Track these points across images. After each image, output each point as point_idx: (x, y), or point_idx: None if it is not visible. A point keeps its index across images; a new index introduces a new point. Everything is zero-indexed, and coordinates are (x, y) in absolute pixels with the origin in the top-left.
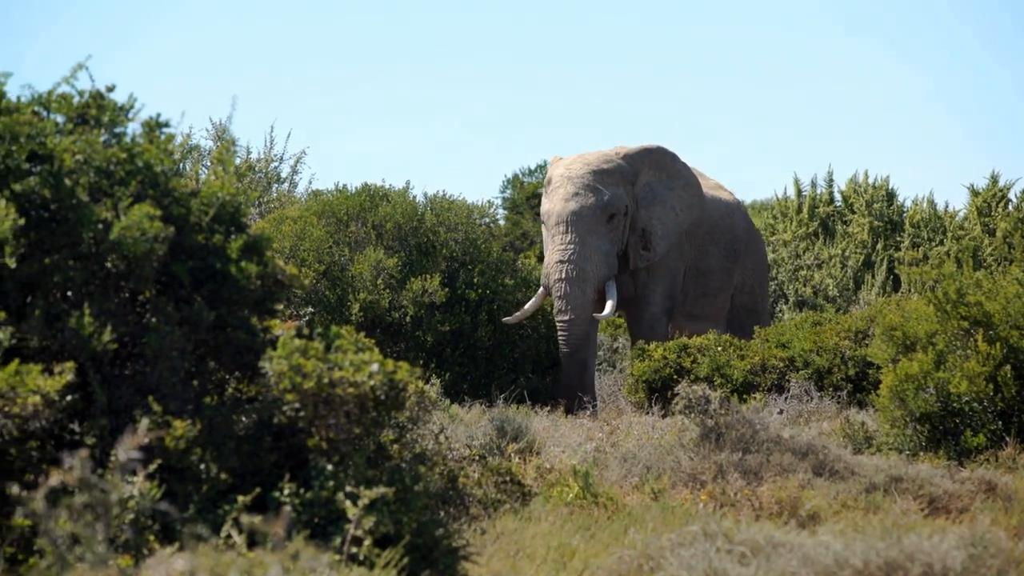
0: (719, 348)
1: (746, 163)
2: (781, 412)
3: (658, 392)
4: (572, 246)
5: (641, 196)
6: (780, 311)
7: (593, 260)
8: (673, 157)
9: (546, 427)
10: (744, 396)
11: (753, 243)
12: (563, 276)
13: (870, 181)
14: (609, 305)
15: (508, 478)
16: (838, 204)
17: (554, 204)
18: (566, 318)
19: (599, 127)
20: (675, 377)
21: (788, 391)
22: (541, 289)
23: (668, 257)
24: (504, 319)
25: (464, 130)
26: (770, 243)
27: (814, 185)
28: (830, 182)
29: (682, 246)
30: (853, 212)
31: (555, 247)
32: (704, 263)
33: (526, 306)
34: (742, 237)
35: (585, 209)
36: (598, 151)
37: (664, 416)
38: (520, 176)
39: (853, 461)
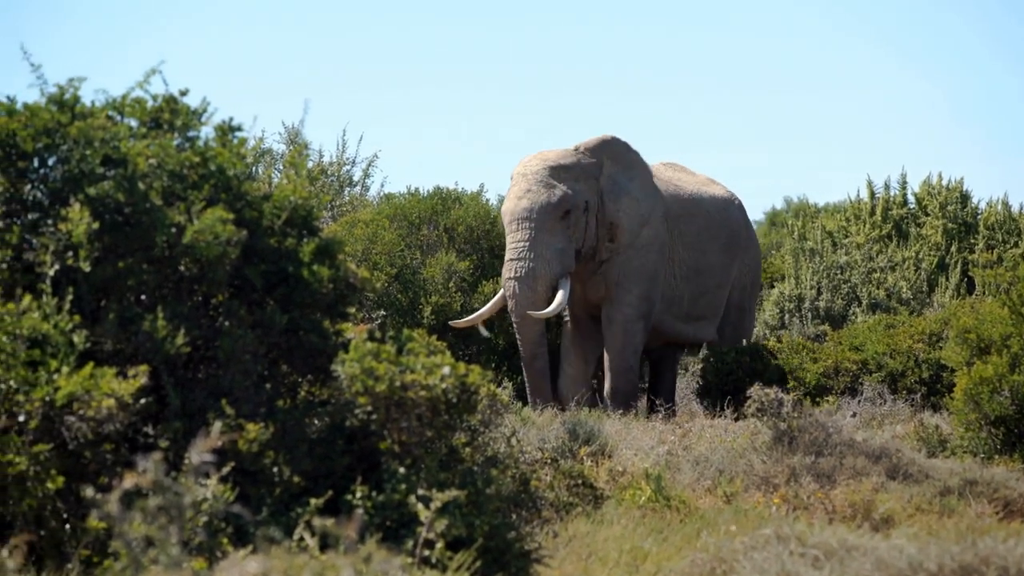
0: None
1: (819, 166)
2: (854, 415)
3: (730, 395)
4: (524, 244)
5: (606, 189)
6: (853, 314)
7: (544, 258)
8: (627, 147)
9: (618, 430)
10: (817, 399)
11: (750, 240)
12: (513, 275)
13: (944, 183)
14: (556, 301)
15: (580, 481)
16: (911, 206)
17: (508, 202)
18: (517, 319)
19: (666, 133)
20: (747, 380)
21: (861, 394)
22: (500, 291)
23: (646, 258)
24: (452, 322)
25: (538, 133)
26: (843, 246)
27: (887, 187)
28: (903, 184)
29: (664, 244)
30: (927, 214)
31: (509, 245)
32: (703, 261)
33: (481, 309)
34: (738, 233)
35: (537, 206)
36: (559, 148)
37: (736, 419)
38: None
39: (927, 464)
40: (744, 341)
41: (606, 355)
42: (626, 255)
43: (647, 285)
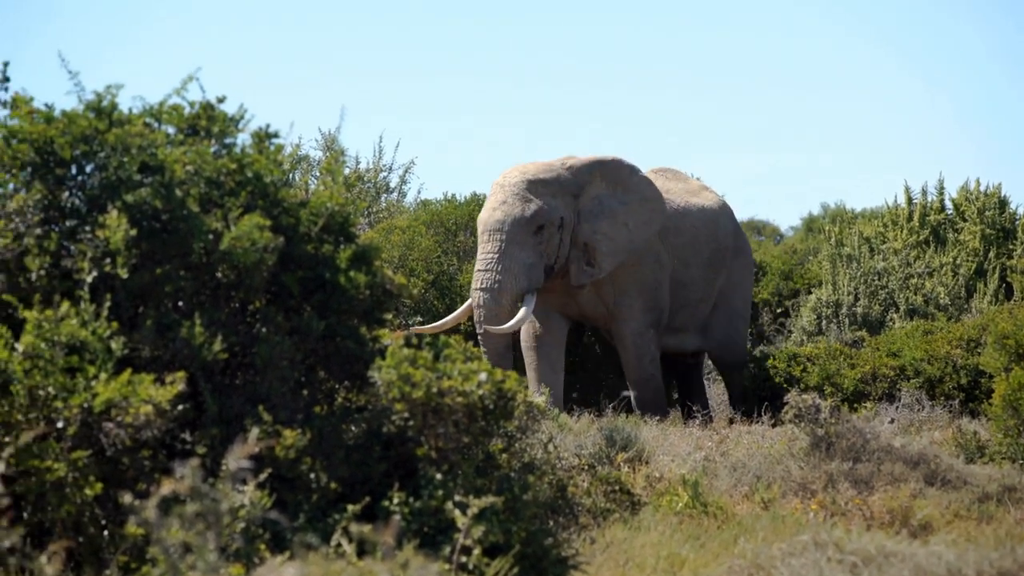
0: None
1: (856, 171)
2: (892, 421)
3: (768, 401)
4: (493, 256)
5: (587, 209)
6: (891, 320)
7: (512, 271)
8: (631, 170)
9: (655, 436)
10: (854, 405)
11: (740, 249)
12: (480, 286)
13: (981, 188)
14: (517, 316)
15: (617, 487)
16: (949, 212)
17: (483, 212)
18: (480, 330)
19: (705, 137)
20: (785, 386)
21: (899, 400)
22: (468, 300)
23: (640, 270)
24: (415, 328)
25: (573, 138)
26: (880, 251)
27: (924, 193)
28: (941, 190)
29: (660, 257)
30: (964, 220)
31: (478, 256)
32: (685, 274)
33: (447, 317)
34: (725, 244)
35: (510, 219)
36: (543, 161)
37: (774, 425)
38: None
39: (965, 471)
40: (735, 349)
41: (625, 370)
42: (617, 272)
43: (650, 295)
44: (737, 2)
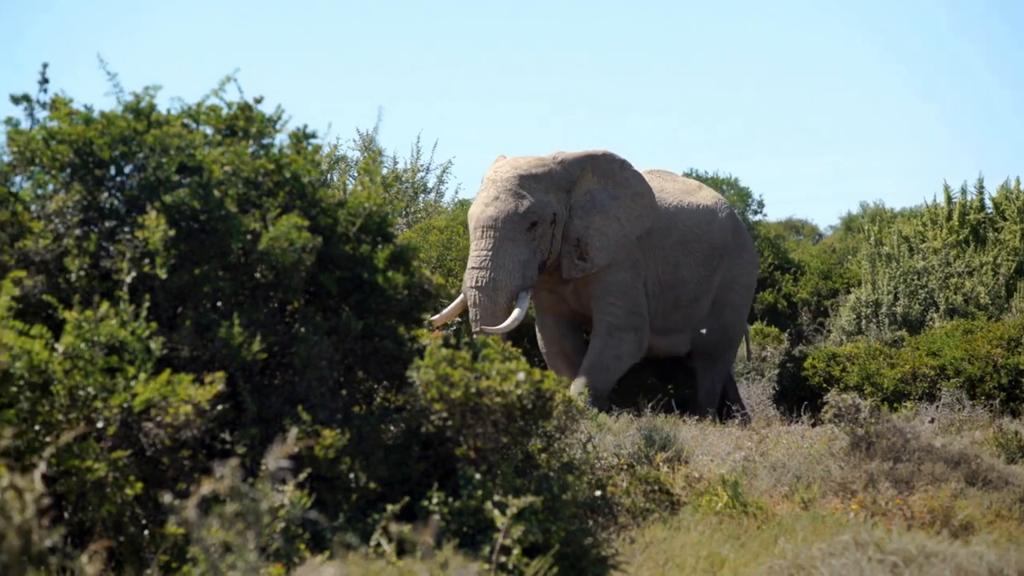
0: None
1: (895, 170)
2: (932, 421)
3: (807, 401)
4: (487, 252)
5: (579, 204)
6: (931, 319)
7: (507, 268)
8: (622, 165)
9: (694, 436)
10: (894, 405)
11: (740, 246)
12: (475, 284)
13: (1022, 187)
14: (513, 315)
15: (657, 487)
16: (989, 211)
17: (475, 208)
18: (476, 329)
19: (745, 135)
20: (824, 386)
21: (939, 400)
22: (460, 297)
23: (619, 274)
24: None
25: (614, 137)
26: (920, 251)
27: (964, 192)
28: (980, 189)
29: (636, 262)
30: (1004, 219)
31: (472, 253)
32: (676, 275)
33: (443, 311)
34: (723, 243)
35: (504, 215)
36: (535, 156)
37: (813, 425)
38: None
39: (1007, 471)
40: (731, 346)
41: (587, 353)
42: (591, 275)
43: (631, 299)
44: (779, 5)
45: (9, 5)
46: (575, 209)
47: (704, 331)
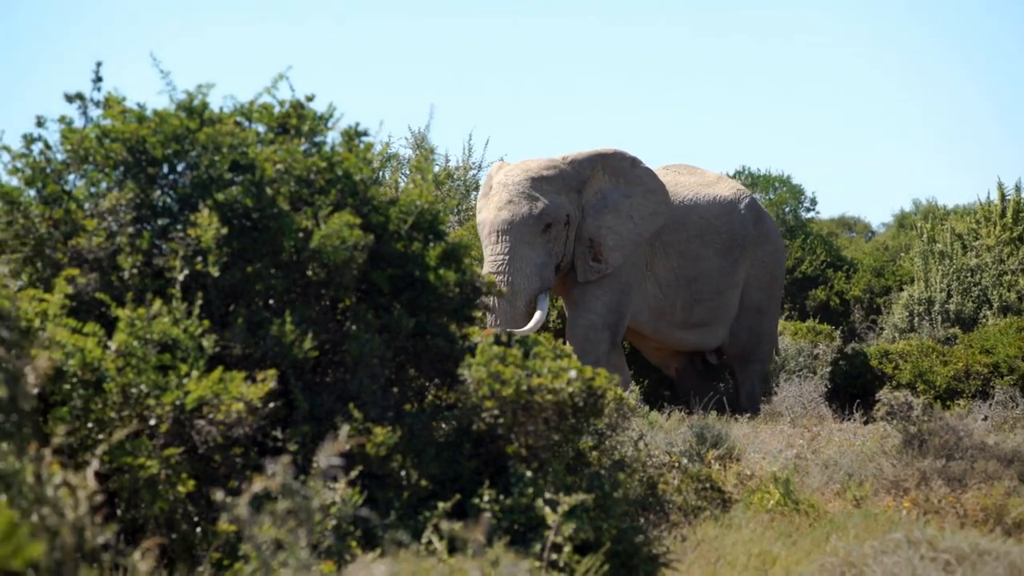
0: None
1: (949, 167)
2: (985, 418)
3: (859, 398)
4: (503, 256)
5: (591, 204)
6: (984, 317)
7: (524, 272)
8: (633, 162)
9: (746, 433)
10: (947, 402)
11: (764, 236)
12: None
13: None
14: (535, 319)
15: (708, 485)
16: None
17: (488, 212)
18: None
19: (799, 132)
20: (877, 383)
21: (992, 397)
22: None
23: (621, 268)
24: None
25: (663, 136)
26: (973, 248)
27: (1018, 189)
28: None
29: (639, 259)
30: None
31: (487, 258)
32: (695, 268)
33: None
34: (743, 233)
35: (518, 218)
36: (544, 158)
37: (865, 423)
38: None
39: None
40: (762, 344)
41: None
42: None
43: (616, 296)
44: (828, 4)
45: (64, 4)
46: (587, 209)
47: (714, 360)
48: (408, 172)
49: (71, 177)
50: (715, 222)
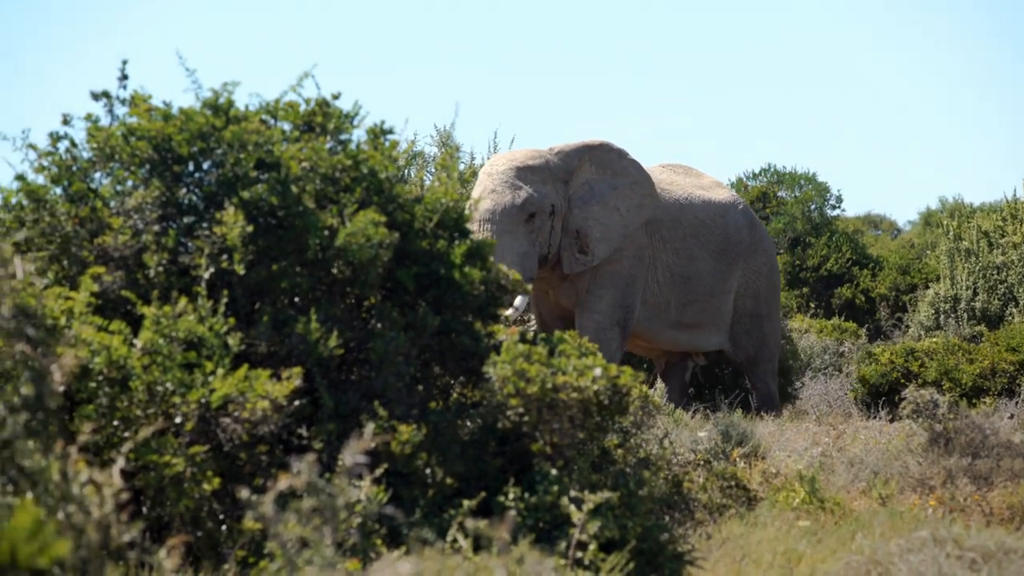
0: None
1: (974, 165)
2: (1012, 417)
3: (885, 396)
4: None
5: (577, 195)
6: (1010, 315)
7: (507, 261)
8: (620, 154)
9: (771, 431)
10: (973, 400)
11: (757, 244)
12: None
13: None
14: (514, 305)
15: (733, 483)
16: None
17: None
18: None
19: (823, 130)
20: (903, 381)
21: (1019, 395)
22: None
23: (619, 263)
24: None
25: (689, 134)
26: (999, 246)
27: None
28: None
29: (642, 252)
30: None
31: None
32: (689, 268)
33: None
34: (737, 237)
35: (501, 207)
36: (531, 148)
37: (891, 421)
38: (744, 179)
39: None
40: (768, 347)
41: None
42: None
43: (621, 291)
44: (856, 2)
45: (90, 3)
46: (574, 200)
47: (702, 362)
48: (433, 170)
49: (97, 175)
50: (710, 223)
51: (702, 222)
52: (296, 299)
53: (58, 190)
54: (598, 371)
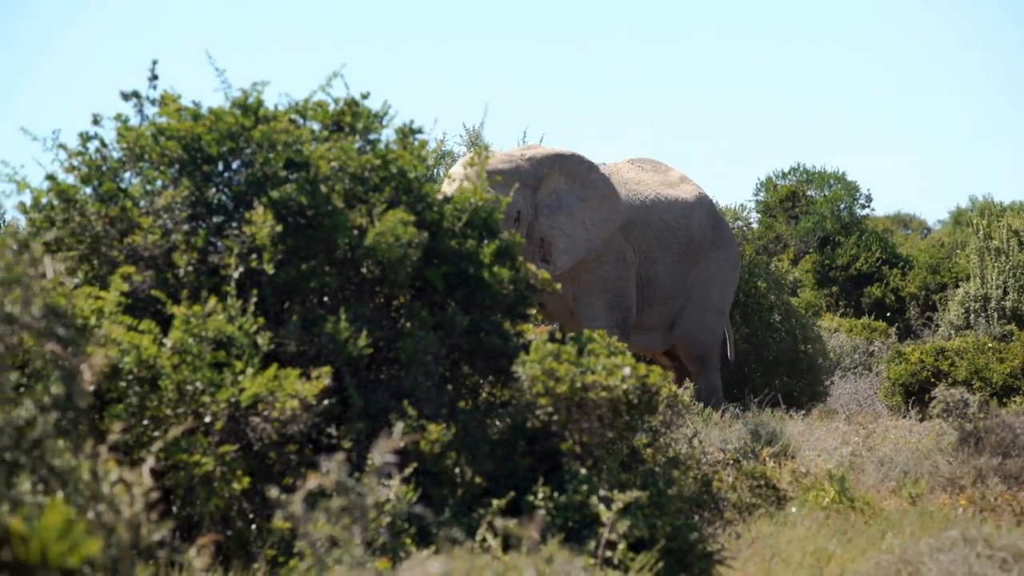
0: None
1: (1005, 163)
2: None
3: (915, 396)
4: None
5: (545, 204)
6: None
7: None
8: (590, 166)
9: (801, 431)
10: (1003, 400)
11: (720, 241)
12: None
13: None
14: None
15: (763, 482)
16: None
17: None
18: None
19: (854, 128)
20: (932, 380)
21: None
22: None
23: (600, 268)
24: None
25: (718, 133)
26: None
27: None
28: None
29: (624, 254)
30: None
31: None
32: (650, 271)
33: None
34: (700, 237)
35: None
36: (504, 151)
37: (921, 420)
38: (773, 179)
39: None
40: (707, 342)
41: None
42: (577, 270)
43: (612, 294)
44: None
45: (121, 4)
46: (540, 208)
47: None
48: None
49: (127, 175)
50: (674, 225)
51: (667, 225)
52: (325, 298)
53: (88, 190)
54: (627, 370)
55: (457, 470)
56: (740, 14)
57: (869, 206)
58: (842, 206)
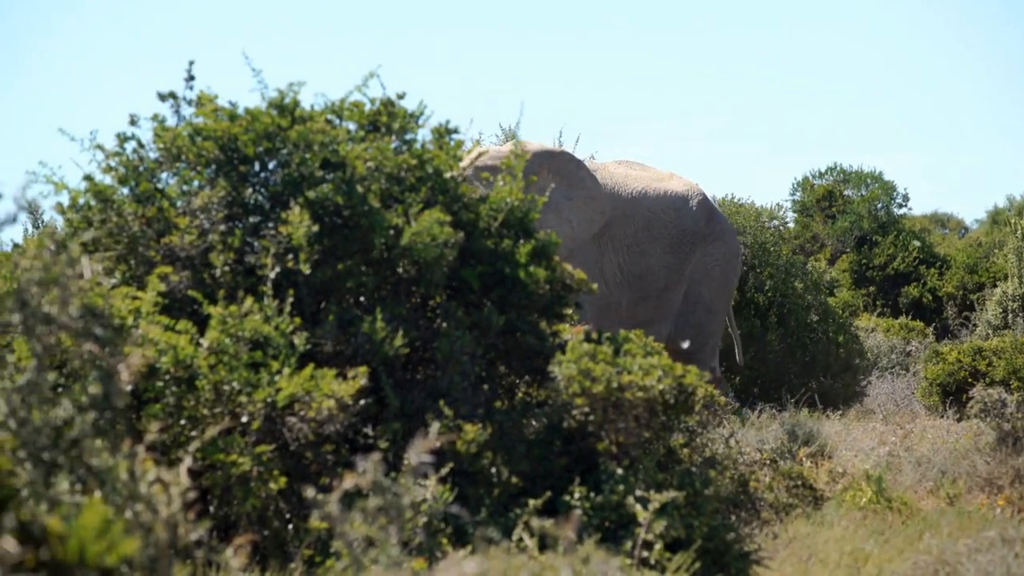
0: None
1: None
2: None
3: (952, 395)
4: None
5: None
6: None
7: None
8: (578, 164)
9: (838, 431)
10: None
11: (716, 234)
12: None
13: None
14: None
15: (800, 482)
16: None
17: None
18: None
19: (891, 128)
20: (970, 380)
21: None
22: None
23: (575, 264)
24: None
25: (754, 132)
26: None
27: None
28: None
29: (589, 257)
30: None
31: None
32: (641, 264)
33: None
34: (693, 229)
35: None
36: (494, 148)
37: (959, 420)
38: (810, 178)
39: None
40: (708, 345)
41: None
42: None
43: (591, 299)
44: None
45: (157, 4)
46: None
47: (687, 344)
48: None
49: (164, 175)
50: (663, 216)
51: (656, 216)
52: (361, 298)
53: (125, 190)
54: (663, 370)
55: (493, 470)
56: (780, 14)
57: (906, 206)
58: (879, 205)
